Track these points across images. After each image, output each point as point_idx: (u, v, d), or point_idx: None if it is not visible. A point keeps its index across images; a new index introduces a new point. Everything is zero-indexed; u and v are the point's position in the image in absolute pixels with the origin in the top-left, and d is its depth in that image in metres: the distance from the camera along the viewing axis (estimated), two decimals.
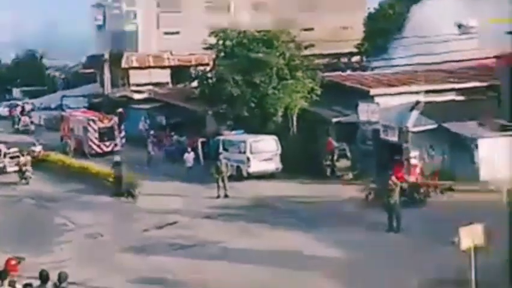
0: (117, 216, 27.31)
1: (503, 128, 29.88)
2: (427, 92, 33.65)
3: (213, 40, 37.84)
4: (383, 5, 57.88)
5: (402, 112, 32.07)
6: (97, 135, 41.48)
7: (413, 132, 30.78)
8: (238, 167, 32.93)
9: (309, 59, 37.00)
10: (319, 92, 35.33)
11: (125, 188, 30.00)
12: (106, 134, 41.54)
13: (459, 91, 33.82)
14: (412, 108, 32.06)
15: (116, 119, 42.75)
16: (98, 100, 55.67)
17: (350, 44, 55.81)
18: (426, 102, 32.48)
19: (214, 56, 38.92)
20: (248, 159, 32.91)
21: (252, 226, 24.30)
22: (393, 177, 23.83)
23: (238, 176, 32.69)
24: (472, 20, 13.49)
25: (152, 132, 42.30)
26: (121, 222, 26.32)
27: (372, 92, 33.64)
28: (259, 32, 37.42)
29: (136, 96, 49.82)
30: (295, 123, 35.54)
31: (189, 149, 35.59)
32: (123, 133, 42.54)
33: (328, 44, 46.10)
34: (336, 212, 25.66)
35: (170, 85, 53.54)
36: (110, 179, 30.90)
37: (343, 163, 32.61)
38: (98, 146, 41.35)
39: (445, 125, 30.45)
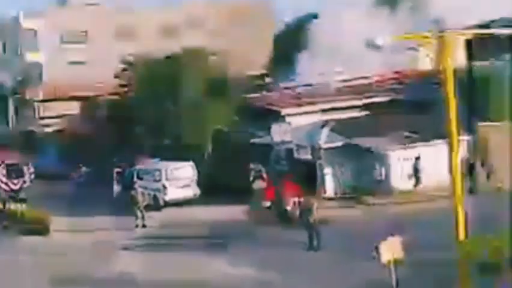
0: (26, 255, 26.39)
1: (408, 140, 30.91)
2: (337, 109, 34.30)
3: (123, 67, 37.41)
4: (290, 24, 58.80)
5: (314, 130, 32.57)
6: (4, 172, 39.98)
7: (325, 149, 31.29)
8: (154, 195, 32.58)
9: (222, 82, 37.04)
10: (234, 115, 35.38)
11: (33, 224, 29.16)
12: (13, 171, 40.10)
13: (366, 107, 34.67)
14: (323, 126, 32.59)
15: (23, 155, 41.39)
16: (3, 135, 53.82)
17: (260, 66, 56.30)
18: (336, 119, 33.10)
19: (125, 83, 38.46)
20: (164, 186, 32.64)
21: (170, 255, 24.05)
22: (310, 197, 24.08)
23: (156, 204, 32.29)
24: (376, 36, 13.80)
25: (62, 165, 41.32)
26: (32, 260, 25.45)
27: (284, 112, 34.03)
28: (171, 57, 37.23)
29: (44, 129, 48.52)
30: (210, 147, 35.43)
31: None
32: (32, 169, 41.15)
33: (239, 66, 46.31)
34: (256, 233, 25.64)
35: (80, 116, 52.37)
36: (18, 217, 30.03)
37: (259, 184, 32.68)
38: (6, 184, 39.83)
39: (355, 140, 31.11)
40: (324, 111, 34.23)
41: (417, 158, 30.43)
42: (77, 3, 59.32)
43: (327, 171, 31.49)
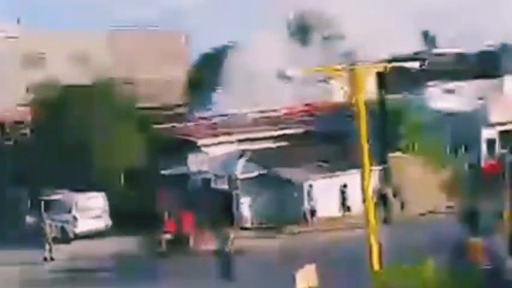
0: None
1: (326, 170, 31.38)
2: (252, 139, 34.51)
3: (30, 96, 36.43)
4: (206, 55, 59.06)
5: (230, 160, 32.60)
6: None
7: (242, 180, 31.34)
8: (62, 227, 31.68)
9: (135, 112, 36.59)
10: (148, 145, 34.93)
11: None
12: None
13: (281, 137, 35.07)
14: (240, 156, 32.68)
15: None
16: None
17: (175, 96, 56.04)
18: (253, 150, 33.27)
19: (32, 112, 37.41)
20: (75, 218, 31.81)
21: None
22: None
23: (64, 236, 31.45)
24: (290, 69, 13.98)
25: None
26: None
27: (200, 142, 33.94)
28: (80, 86, 36.51)
29: None
30: (123, 178, 34.84)
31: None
32: None
33: (154, 96, 45.90)
34: (165, 265, 25.26)
35: None
36: None
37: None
38: None
39: (272, 170, 31.33)
40: (240, 141, 34.37)
41: (345, 186, 30.89)
42: None
43: (244, 201, 31.52)
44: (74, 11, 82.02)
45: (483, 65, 35.33)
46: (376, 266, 14.89)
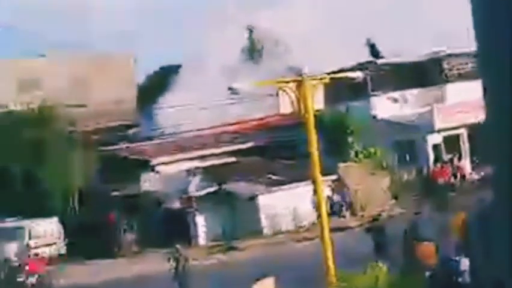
0: None
1: (277, 183, 31.74)
2: (205, 156, 34.67)
3: None
4: (155, 74, 59.07)
5: (183, 178, 32.64)
6: None
7: (196, 197, 31.41)
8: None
9: (84, 134, 36.37)
10: (98, 167, 34.73)
11: None
12: None
13: (233, 153, 35.30)
14: (192, 174, 32.76)
15: None
16: None
17: (125, 117, 55.79)
18: (205, 167, 33.41)
19: None
20: (27, 245, 31.22)
21: None
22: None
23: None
24: (238, 83, 14.07)
25: None
26: None
27: (152, 161, 33.92)
28: (27, 110, 36.16)
29: None
30: (76, 201, 34.51)
31: None
32: None
33: (102, 118, 45.63)
34: None
35: None
36: None
37: (129, 236, 32.21)
38: None
39: (224, 186, 31.50)
40: (192, 159, 34.47)
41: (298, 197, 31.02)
42: None
43: (199, 219, 31.55)
44: (12, 37, 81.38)
45: (425, 73, 36.28)
46: (331, 272, 15.20)
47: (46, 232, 31.76)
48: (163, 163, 34.03)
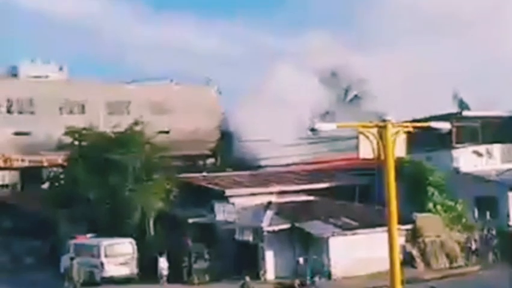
0: None
1: (351, 227, 31.36)
2: (281, 192, 34.75)
3: (67, 140, 37.20)
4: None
5: (257, 212, 32.76)
6: None
7: (268, 232, 31.41)
8: (91, 272, 31.82)
9: (165, 160, 37.15)
10: (176, 193, 35.33)
11: None
12: None
13: (309, 192, 35.23)
14: (266, 208, 32.85)
15: None
16: None
17: (205, 146, 56.68)
18: (281, 203, 33.45)
19: (68, 156, 38.14)
20: (102, 263, 31.92)
21: None
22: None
23: (92, 281, 31.52)
24: (319, 123, 14.26)
25: None
26: None
27: (228, 192, 34.26)
28: (114, 133, 37.28)
29: None
30: (152, 225, 35.14)
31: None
32: None
33: (184, 145, 46.52)
34: None
35: (19, 187, 51.37)
36: None
37: (200, 264, 32.46)
38: None
39: (298, 224, 31.40)
40: (268, 193, 34.60)
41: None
42: (25, 75, 59.45)
43: (269, 253, 31.51)
44: (111, 64, 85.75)
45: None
46: None
47: (121, 251, 32.40)
48: (238, 195, 34.31)
